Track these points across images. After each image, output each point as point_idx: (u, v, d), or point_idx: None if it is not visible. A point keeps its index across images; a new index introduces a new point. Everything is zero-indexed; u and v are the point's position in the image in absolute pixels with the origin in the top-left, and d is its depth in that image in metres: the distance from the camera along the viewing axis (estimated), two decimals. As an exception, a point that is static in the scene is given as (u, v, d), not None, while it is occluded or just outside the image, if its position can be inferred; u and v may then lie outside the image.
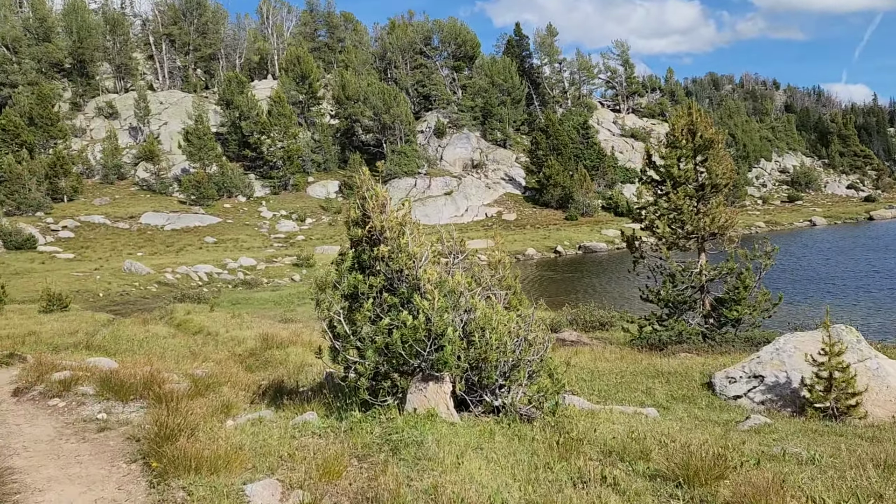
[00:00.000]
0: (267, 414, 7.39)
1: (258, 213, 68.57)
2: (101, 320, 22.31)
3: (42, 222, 56.62)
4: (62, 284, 35.56)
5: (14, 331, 17.33)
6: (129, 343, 14.77)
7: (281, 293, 36.87)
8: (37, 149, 67.68)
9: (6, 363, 12.03)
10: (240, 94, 77.37)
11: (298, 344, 13.80)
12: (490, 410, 7.21)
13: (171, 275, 42.06)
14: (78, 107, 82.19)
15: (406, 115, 79.13)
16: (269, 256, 50.92)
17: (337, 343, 7.12)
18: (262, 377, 11.75)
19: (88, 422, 7.72)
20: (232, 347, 15.08)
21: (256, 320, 22.57)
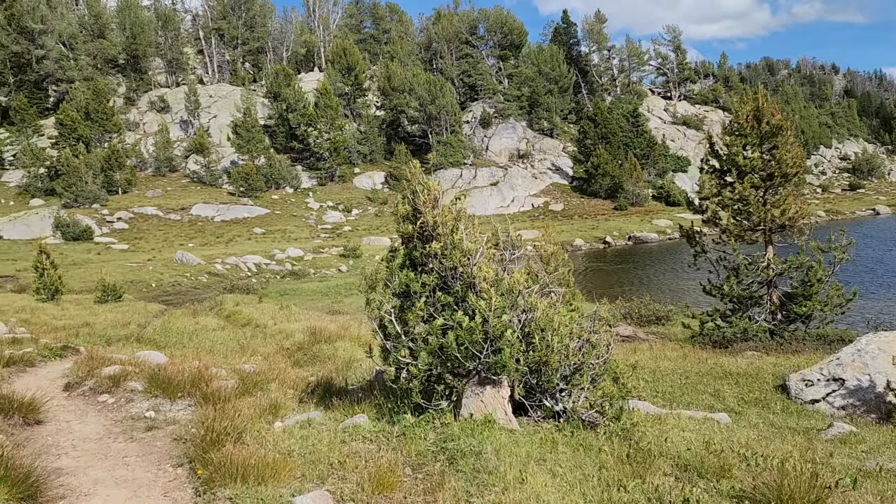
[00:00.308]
0: (316, 415, 7.10)
1: (305, 205, 69.10)
2: (152, 311, 22.55)
3: (98, 214, 58.07)
4: (117, 275, 36.30)
5: (70, 321, 17.57)
6: (178, 336, 14.77)
7: (328, 284, 36.94)
8: (93, 142, 69.41)
9: (60, 355, 12.08)
10: (287, 86, 78.00)
11: (347, 338, 13.57)
12: (550, 415, 6.78)
13: (221, 265, 42.58)
14: (132, 101, 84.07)
15: (452, 105, 78.65)
16: (316, 247, 51.20)
17: (388, 343, 6.77)
18: (311, 373, 11.53)
19: (136, 420, 7.56)
20: (280, 341, 14.94)
21: (304, 312, 22.51)
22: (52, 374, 10.54)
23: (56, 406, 8.30)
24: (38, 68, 79.18)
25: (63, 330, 15.60)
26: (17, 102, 72.42)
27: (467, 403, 6.40)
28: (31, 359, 11.21)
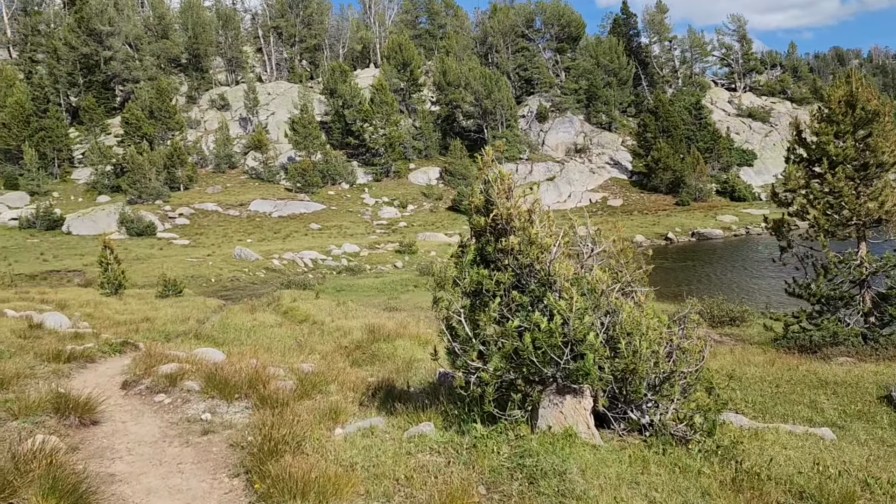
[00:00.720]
0: (378, 422, 6.62)
1: (361, 200, 69.34)
2: (211, 306, 22.62)
3: (160, 210, 59.44)
4: (178, 270, 36.90)
5: (131, 316, 17.66)
6: (236, 332, 14.60)
7: (384, 280, 36.73)
8: (156, 140, 71.20)
9: (119, 351, 11.97)
10: (343, 82, 78.44)
11: (406, 336, 13.12)
12: (635, 429, 6.14)
13: (278, 261, 42.89)
14: (193, 100, 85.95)
15: (507, 99, 77.78)
16: (371, 243, 51.20)
17: (456, 345, 6.24)
18: (370, 373, 11.11)
19: (192, 422, 7.23)
20: (338, 338, 14.61)
21: (361, 308, 22.23)
22: (111, 370, 10.39)
23: (113, 405, 8.06)
24: (105, 69, 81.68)
25: (124, 325, 15.63)
26: (86, 102, 74.84)
27: (545, 414, 5.81)
28: (91, 354, 11.10)
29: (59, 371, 9.72)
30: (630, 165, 78.59)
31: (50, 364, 10.07)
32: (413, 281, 35.82)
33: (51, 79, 79.92)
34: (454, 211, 67.19)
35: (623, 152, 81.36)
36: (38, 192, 64.61)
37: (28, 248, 47.43)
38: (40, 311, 16.68)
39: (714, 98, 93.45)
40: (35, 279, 35.92)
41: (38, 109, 72.28)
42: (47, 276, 36.42)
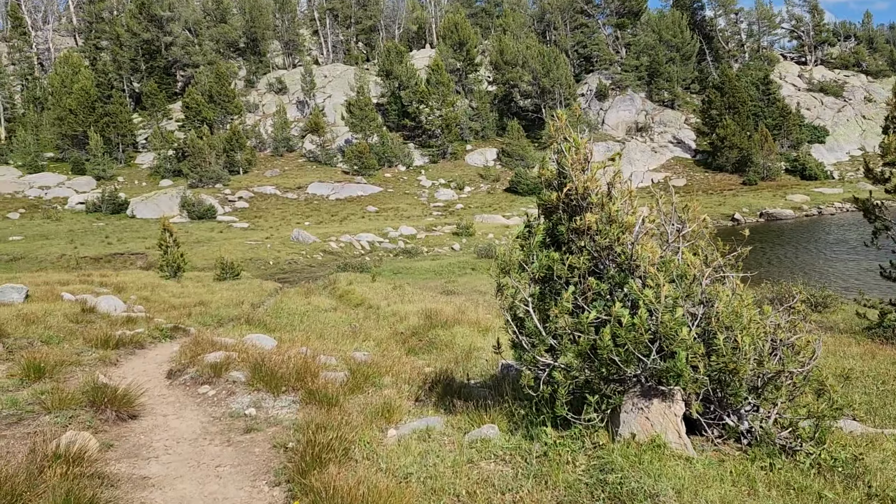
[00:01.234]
0: (436, 423, 5.94)
1: (417, 182, 68.89)
2: (267, 290, 22.41)
3: (220, 193, 60.27)
4: (237, 253, 37.14)
5: (187, 300, 17.49)
6: (289, 317, 14.18)
7: (441, 263, 36.16)
8: (216, 125, 72.21)
9: (169, 337, 11.66)
10: (399, 63, 77.88)
11: (464, 323, 12.43)
12: (731, 436, 5.28)
13: (336, 243, 42.80)
14: (251, 84, 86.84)
15: (566, 77, 75.88)
16: (428, 225, 50.69)
17: (524, 339, 5.47)
18: (426, 362, 10.46)
19: (236, 418, 6.70)
20: (393, 324, 14.03)
21: (418, 292, 21.65)
22: (160, 357, 10.03)
23: (156, 396, 7.64)
24: (166, 54, 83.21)
25: (179, 308, 15.42)
26: (148, 88, 76.42)
27: (628, 420, 5.01)
28: (140, 340, 10.80)
29: (106, 358, 9.40)
30: (694, 144, 75.89)
31: (97, 350, 9.77)
32: (470, 264, 35.14)
33: (114, 65, 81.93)
34: (512, 192, 66.10)
35: (686, 130, 78.59)
36: (103, 177, 66.40)
37: (94, 231, 48.67)
38: (97, 294, 16.65)
39: (783, 72, 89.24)
40: (99, 262, 36.70)
41: (102, 95, 74.14)
42: (111, 259, 37.17)
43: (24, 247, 41.68)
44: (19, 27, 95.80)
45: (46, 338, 10.03)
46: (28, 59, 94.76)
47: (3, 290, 14.60)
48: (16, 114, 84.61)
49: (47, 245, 41.97)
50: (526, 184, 65.46)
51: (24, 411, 6.34)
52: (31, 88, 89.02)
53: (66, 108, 71.28)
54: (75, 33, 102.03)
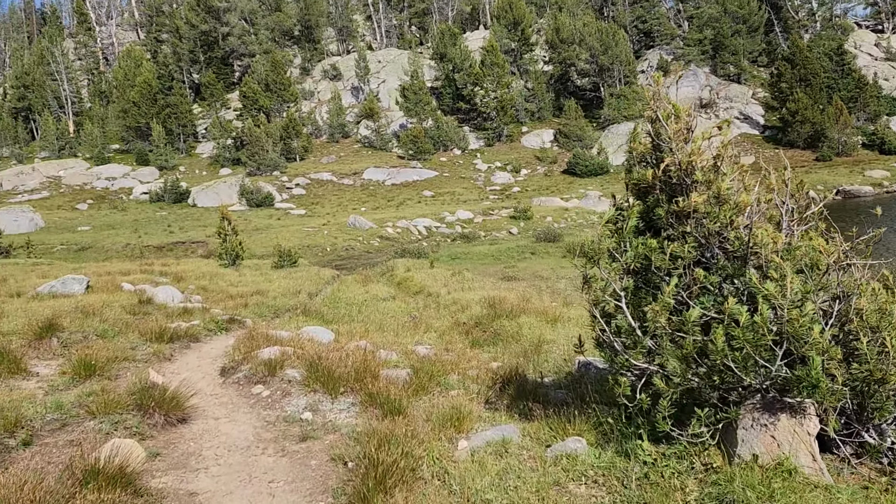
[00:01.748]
0: (512, 433, 5.24)
1: (473, 166, 68.05)
2: (325, 277, 22.09)
3: (278, 181, 60.74)
4: (294, 240, 37.16)
5: (244, 289, 17.24)
6: (347, 307, 13.69)
7: (499, 247, 35.37)
8: (272, 113, 72.82)
9: (225, 329, 11.29)
10: (452, 46, 76.91)
11: (530, 312, 11.68)
12: (870, 456, 4.42)
13: (392, 229, 42.47)
14: (306, 71, 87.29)
15: (625, 54, 73.54)
16: (485, 209, 49.89)
17: (616, 340, 4.71)
18: (492, 355, 9.78)
19: (291, 423, 6.16)
20: (455, 313, 13.39)
21: (478, 278, 20.97)
22: (215, 351, 9.64)
23: (208, 396, 7.18)
24: (223, 45, 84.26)
25: (235, 298, 15.13)
26: (206, 78, 77.58)
27: (748, 438, 4.20)
28: (195, 333, 10.44)
29: (160, 353, 9.04)
30: (762, 119, 72.62)
31: (152, 344, 9.43)
32: (530, 248, 34.25)
33: (174, 57, 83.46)
34: (570, 174, 64.60)
35: (754, 105, 75.22)
36: (166, 167, 67.81)
37: (157, 220, 49.64)
38: (155, 283, 16.53)
39: (858, 42, 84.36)
40: (162, 250, 37.25)
41: (163, 87, 75.64)
42: (173, 248, 37.70)
43: (92, 236, 42.75)
44: (84, 23, 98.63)
45: (102, 331, 9.74)
46: (93, 54, 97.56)
47: (65, 281, 14.56)
48: (83, 108, 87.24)
49: (113, 235, 42.95)
50: (585, 165, 63.87)
51: (69, 416, 5.93)
52: (96, 83, 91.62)
53: (129, 101, 72.99)
54: (137, 27, 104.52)
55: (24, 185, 64.68)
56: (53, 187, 64.40)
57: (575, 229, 42.91)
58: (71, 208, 57.32)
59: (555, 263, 27.21)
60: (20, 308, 11.86)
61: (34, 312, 11.28)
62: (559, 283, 20.37)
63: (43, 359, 8.66)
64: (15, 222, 45.75)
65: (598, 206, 49.79)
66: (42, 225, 47.61)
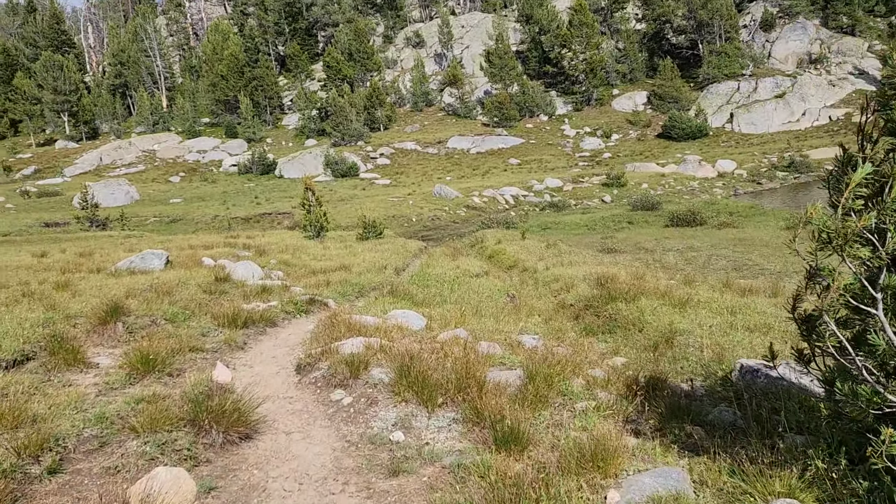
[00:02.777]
0: (681, 483, 3.75)
1: (561, 132, 65.48)
2: (411, 250, 20.95)
3: (362, 151, 60.21)
4: (379, 210, 36.33)
5: (328, 263, 16.26)
6: (437, 285, 12.39)
7: (593, 216, 33.36)
8: (356, 83, 72.25)
9: (305, 311, 10.19)
10: (539, 6, 73.98)
11: (649, 294, 9.99)
12: None
13: (478, 198, 41.03)
14: (389, 39, 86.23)
15: (726, 7, 68.60)
16: (574, 176, 47.64)
17: (863, 364, 3.11)
18: (611, 347, 8.26)
19: (378, 445, 4.87)
20: (557, 292, 11.87)
21: (575, 251, 19.29)
22: (293, 338, 8.53)
23: (280, 400, 6.01)
24: (307, 16, 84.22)
25: (318, 274, 14.12)
26: (291, 50, 77.72)
27: None
28: (272, 317, 9.37)
29: (232, 341, 7.98)
30: (880, 74, 66.33)
31: (224, 330, 8.40)
32: (626, 217, 32.11)
33: (260, 30, 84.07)
34: (665, 138, 61.11)
35: (871, 59, 68.83)
36: (254, 139, 68.57)
37: (245, 192, 50.04)
38: (237, 258, 15.76)
39: None
40: (249, 222, 37.23)
41: (250, 60, 76.31)
42: (259, 219, 37.61)
43: (182, 209, 43.39)
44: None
45: (171, 315, 8.80)
46: (184, 29, 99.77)
47: (144, 256, 13.92)
48: (175, 83, 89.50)
49: (203, 206, 43.43)
50: (682, 128, 60.21)
51: (111, 431, 4.85)
52: (187, 58, 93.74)
53: (217, 75, 74.08)
54: (224, 1, 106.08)
55: (122, 159, 66.89)
56: (148, 161, 66.30)
57: (674, 196, 40.25)
58: (164, 181, 58.76)
59: (657, 234, 25.11)
60: (95, 286, 11.17)
61: (109, 290, 10.55)
62: (667, 255, 18.43)
63: (106, 346, 7.77)
64: (112, 195, 47.06)
65: (699, 171, 46.66)
66: (137, 198, 48.83)
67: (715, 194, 41.13)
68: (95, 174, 61.20)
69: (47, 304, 9.36)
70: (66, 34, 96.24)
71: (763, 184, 43.98)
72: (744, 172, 46.41)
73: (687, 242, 21.01)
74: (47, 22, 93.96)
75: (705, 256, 17.73)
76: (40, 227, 36.50)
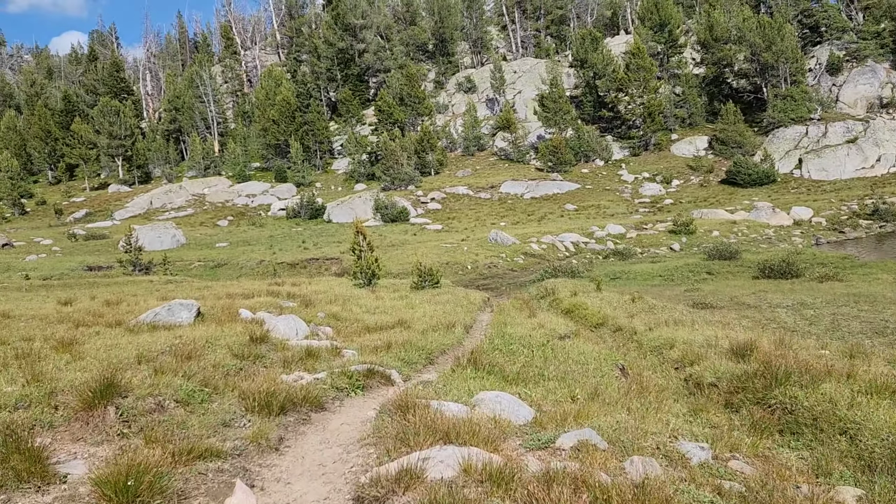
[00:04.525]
0: None
1: (618, 177, 62.87)
2: (475, 302, 18.55)
3: (413, 195, 58.53)
4: (432, 256, 34.16)
5: (383, 317, 13.97)
6: (524, 350, 9.91)
7: (664, 265, 30.52)
8: (406, 127, 71.24)
9: (362, 387, 7.81)
10: (594, 51, 72.25)
11: (829, 375, 7.33)
12: None
13: (537, 245, 38.55)
14: (440, 85, 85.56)
15: (792, 50, 65.76)
16: (637, 223, 44.83)
17: None
18: (813, 464, 5.64)
19: None
20: (678, 363, 9.27)
21: (667, 306, 16.58)
22: (347, 430, 6.17)
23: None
24: (359, 62, 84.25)
25: (374, 332, 11.83)
26: (342, 95, 77.46)
27: None
28: (319, 396, 7.03)
29: (263, 437, 5.66)
30: (960, 118, 62.36)
31: (254, 417, 6.10)
32: (703, 266, 29.22)
33: (312, 76, 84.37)
34: (730, 184, 57.93)
35: (949, 103, 64.93)
36: (303, 183, 67.73)
37: (292, 236, 48.58)
38: (280, 309, 13.59)
39: None
40: (295, 267, 35.44)
41: (301, 105, 76.20)
42: (307, 265, 35.81)
43: (228, 253, 41.97)
44: (230, 47, 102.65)
45: (186, 394, 6.54)
46: (238, 76, 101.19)
47: (171, 308, 11.80)
48: (227, 128, 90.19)
49: (248, 251, 41.95)
50: (747, 173, 57.01)
51: None
52: (240, 104, 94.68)
53: (269, 119, 74.04)
54: (279, 50, 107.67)
55: (172, 202, 66.64)
56: (198, 204, 65.87)
57: (749, 245, 37.12)
58: (212, 225, 57.93)
59: (749, 286, 22.18)
60: (105, 346, 9.04)
61: (119, 352, 8.41)
62: (777, 313, 15.61)
63: (89, 441, 5.54)
64: (159, 239, 46.08)
65: (773, 218, 43.40)
66: (183, 241, 47.79)
67: (795, 243, 37.86)
68: (145, 217, 60.84)
69: (33, 372, 7.22)
70: (124, 81, 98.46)
71: (846, 233, 40.52)
72: (822, 220, 42.98)
73: (794, 297, 18.09)
74: (107, 70, 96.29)
75: (828, 316, 14.84)
76: (83, 270, 35.34)
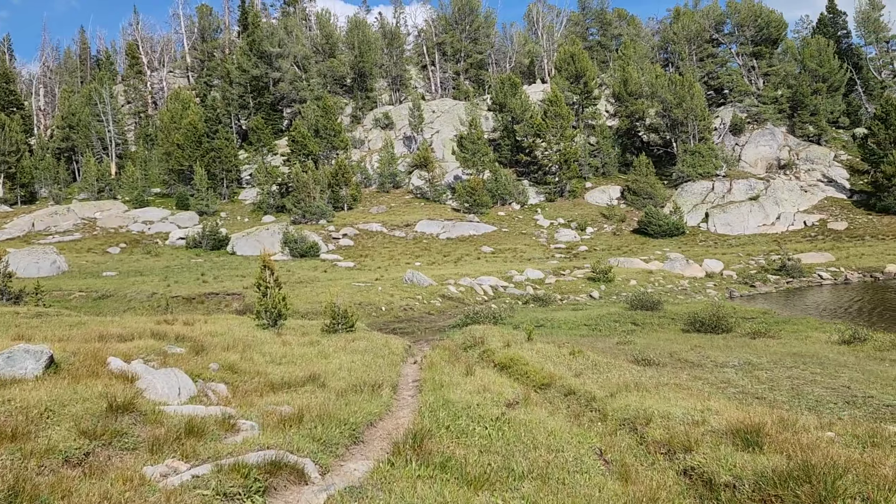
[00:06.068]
0: None
1: (534, 222, 62.59)
2: (395, 351, 16.44)
3: (324, 230, 55.95)
4: (344, 295, 31.72)
5: (292, 370, 11.68)
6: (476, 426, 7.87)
7: (588, 314, 29.40)
8: (321, 160, 68.81)
9: (262, 491, 5.56)
10: (513, 96, 72.70)
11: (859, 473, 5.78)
12: None
13: (455, 287, 36.85)
14: (357, 119, 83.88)
15: (701, 109, 68.25)
16: (554, 268, 44.04)
17: None
18: None
19: None
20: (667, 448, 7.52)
21: (606, 361, 15.02)
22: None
23: None
24: (274, 91, 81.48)
25: (280, 391, 9.54)
26: (254, 123, 74.31)
27: None
28: (200, 506, 4.78)
29: None
30: (847, 183, 66.36)
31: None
32: (627, 316, 28.23)
33: (223, 102, 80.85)
34: (641, 234, 58.65)
35: (838, 168, 69.01)
36: (206, 212, 63.78)
37: (191, 267, 44.88)
38: (163, 357, 11.02)
39: (952, 103, 77.79)
40: (192, 302, 32.16)
41: (209, 131, 72.48)
42: (204, 300, 32.57)
43: (116, 283, 37.97)
44: (135, 66, 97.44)
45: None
46: (142, 97, 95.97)
47: (13, 355, 9.05)
48: (127, 150, 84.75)
49: (139, 282, 38.10)
50: (658, 224, 57.92)
51: None
52: (143, 126, 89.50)
53: (173, 143, 69.85)
54: (189, 73, 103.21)
55: (57, 226, 61.06)
56: (87, 229, 60.62)
57: (666, 295, 36.78)
58: (102, 252, 53.13)
59: (681, 340, 21.12)
60: None
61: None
62: (726, 373, 14.34)
63: None
64: (36, 264, 41.39)
65: (686, 269, 43.63)
66: (65, 269, 43.16)
67: (710, 295, 37.88)
68: (24, 241, 55.19)
69: None
70: (14, 94, 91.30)
71: (757, 286, 41.09)
72: (733, 274, 43.59)
73: (735, 356, 16.99)
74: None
75: (785, 379, 13.63)
76: (-63, 297, 30.63)
